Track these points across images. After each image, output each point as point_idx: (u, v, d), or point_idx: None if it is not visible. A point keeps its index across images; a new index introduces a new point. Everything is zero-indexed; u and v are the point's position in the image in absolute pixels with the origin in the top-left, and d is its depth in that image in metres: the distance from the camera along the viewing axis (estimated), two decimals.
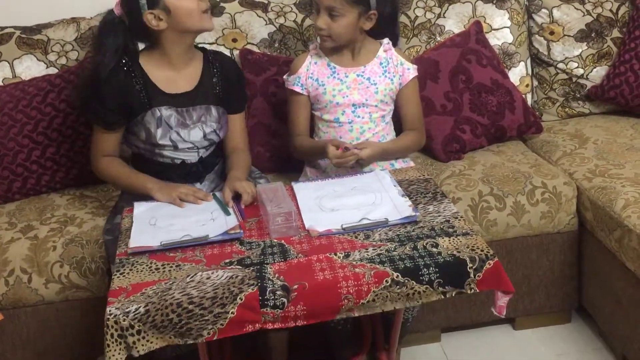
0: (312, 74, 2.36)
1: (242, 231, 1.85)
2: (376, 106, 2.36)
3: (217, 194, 2.08)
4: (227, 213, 1.95)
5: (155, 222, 1.95)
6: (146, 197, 2.14)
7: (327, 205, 1.97)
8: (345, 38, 2.29)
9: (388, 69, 2.37)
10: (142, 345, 1.61)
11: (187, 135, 2.20)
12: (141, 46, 2.30)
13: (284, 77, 2.43)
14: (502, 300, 1.78)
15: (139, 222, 1.96)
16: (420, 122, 2.45)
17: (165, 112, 2.18)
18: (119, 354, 1.60)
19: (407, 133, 2.43)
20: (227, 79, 2.28)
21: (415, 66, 2.42)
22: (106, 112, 2.15)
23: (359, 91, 2.34)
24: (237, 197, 2.04)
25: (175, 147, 2.21)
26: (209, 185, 2.30)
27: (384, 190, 2.03)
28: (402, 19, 2.86)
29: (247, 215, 1.97)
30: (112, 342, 1.60)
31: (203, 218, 1.95)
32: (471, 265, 1.69)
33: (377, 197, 1.99)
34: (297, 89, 2.37)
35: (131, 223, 1.96)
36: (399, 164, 2.39)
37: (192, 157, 2.26)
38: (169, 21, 2.11)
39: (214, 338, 1.63)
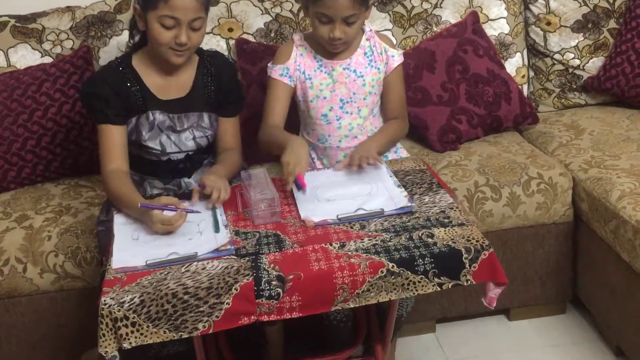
0: (299, 65, 2.30)
1: (232, 247, 1.75)
2: (364, 99, 2.30)
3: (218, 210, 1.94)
4: (217, 230, 1.82)
5: (138, 237, 1.84)
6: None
7: (323, 195, 1.97)
8: (356, 36, 2.26)
9: (373, 58, 2.31)
10: (136, 338, 1.60)
11: (177, 139, 2.18)
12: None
13: (268, 65, 2.33)
14: (494, 291, 1.78)
15: (120, 236, 1.85)
16: (403, 110, 2.40)
17: (159, 116, 2.15)
18: (114, 343, 1.60)
19: (390, 123, 2.37)
20: (221, 84, 2.21)
21: (400, 52, 2.37)
22: (108, 107, 2.09)
23: (345, 85, 2.28)
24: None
25: (162, 151, 2.18)
26: (198, 179, 2.26)
27: (380, 180, 2.02)
28: (399, 9, 2.85)
29: (227, 208, 1.93)
30: (108, 332, 1.59)
31: (189, 231, 1.83)
32: (466, 255, 1.69)
33: (373, 187, 1.99)
34: (285, 79, 2.28)
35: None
36: (391, 155, 2.38)
37: (179, 155, 2.22)
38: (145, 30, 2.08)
39: (209, 332, 1.63)
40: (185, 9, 1.99)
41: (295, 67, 2.29)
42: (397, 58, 2.34)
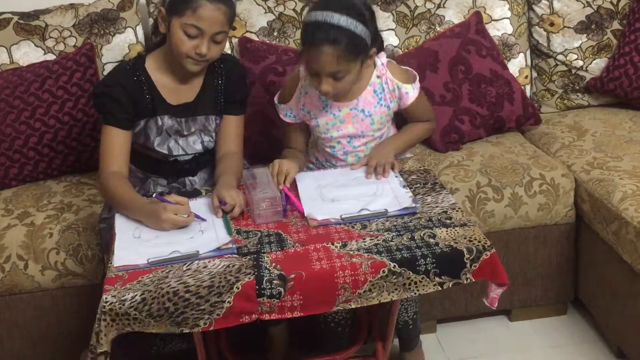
0: (303, 105, 2.19)
1: (234, 246, 1.75)
2: (372, 135, 2.21)
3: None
4: (230, 233, 1.81)
5: (140, 235, 1.84)
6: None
7: (329, 195, 1.96)
8: (352, 86, 2.10)
9: (383, 96, 2.17)
10: (138, 328, 1.61)
11: (184, 143, 2.17)
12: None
13: (275, 101, 2.27)
14: (496, 292, 1.79)
15: (121, 234, 1.85)
16: (430, 114, 2.33)
17: (167, 121, 2.14)
18: (108, 335, 1.61)
19: (416, 124, 2.29)
20: (231, 86, 2.20)
21: (416, 85, 2.20)
22: (119, 111, 2.06)
23: (353, 124, 2.18)
24: None
25: (169, 154, 2.18)
26: (202, 177, 2.27)
27: (386, 181, 2.02)
28: (402, 8, 2.85)
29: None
30: (106, 328, 1.60)
31: (191, 230, 1.84)
32: (468, 256, 1.69)
33: (379, 188, 1.99)
34: (290, 120, 2.25)
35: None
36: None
37: (186, 157, 2.21)
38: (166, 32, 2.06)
39: (211, 328, 1.63)
40: (211, 21, 1.98)
41: (300, 106, 2.21)
42: (412, 94, 2.18)
